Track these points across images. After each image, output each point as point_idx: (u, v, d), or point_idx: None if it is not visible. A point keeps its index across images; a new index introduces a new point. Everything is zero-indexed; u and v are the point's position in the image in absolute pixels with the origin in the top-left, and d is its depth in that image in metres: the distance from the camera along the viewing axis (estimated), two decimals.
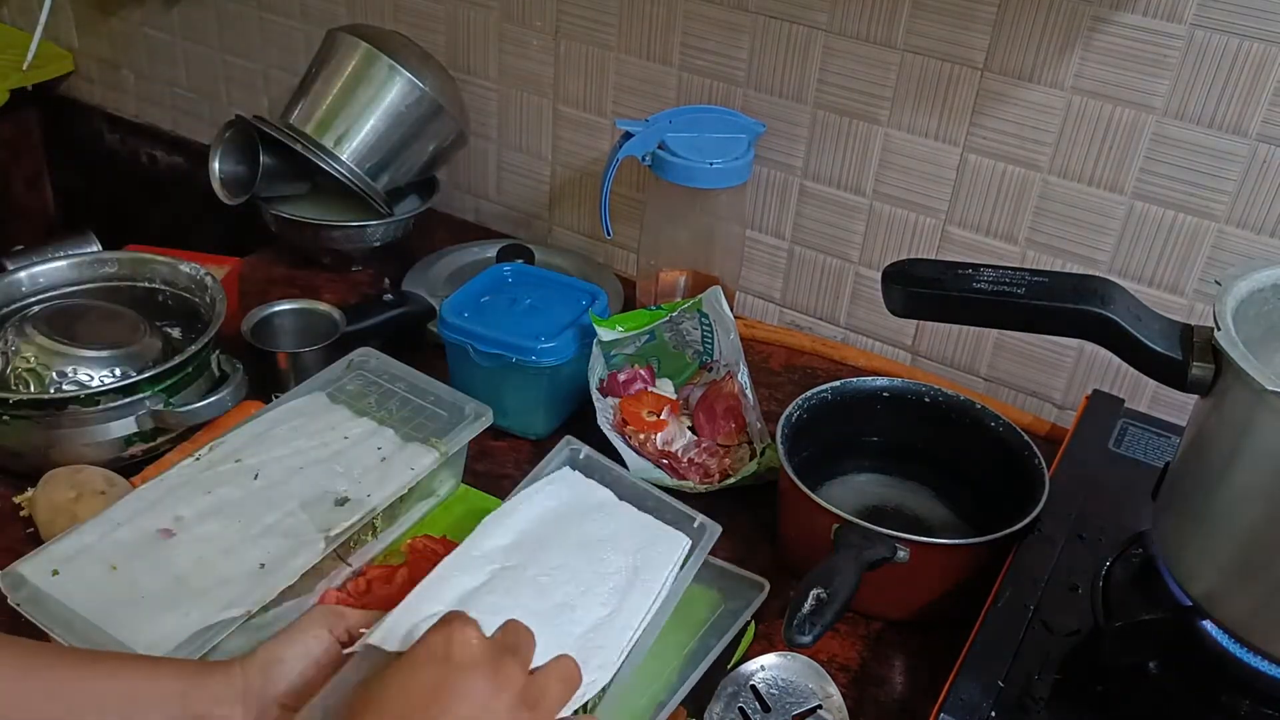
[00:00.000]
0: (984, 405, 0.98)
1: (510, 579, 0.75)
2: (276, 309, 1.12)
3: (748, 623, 0.85)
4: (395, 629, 0.67)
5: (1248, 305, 0.71)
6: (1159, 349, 0.70)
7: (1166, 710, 0.73)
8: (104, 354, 0.98)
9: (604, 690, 0.72)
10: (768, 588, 0.88)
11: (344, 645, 0.69)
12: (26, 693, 0.63)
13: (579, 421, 1.06)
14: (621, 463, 0.97)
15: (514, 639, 0.65)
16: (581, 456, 0.91)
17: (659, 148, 1.11)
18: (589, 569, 0.79)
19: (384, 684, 0.60)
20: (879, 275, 0.80)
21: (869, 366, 1.20)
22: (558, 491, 0.86)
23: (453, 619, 0.62)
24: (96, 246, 1.45)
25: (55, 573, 0.78)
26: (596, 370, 1.05)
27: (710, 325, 1.09)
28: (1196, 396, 0.71)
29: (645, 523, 0.86)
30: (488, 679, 0.60)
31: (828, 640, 0.87)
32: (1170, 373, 0.70)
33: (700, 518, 0.87)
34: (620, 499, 0.88)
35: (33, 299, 1.06)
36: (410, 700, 0.59)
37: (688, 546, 0.84)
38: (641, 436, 1.02)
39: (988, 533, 0.84)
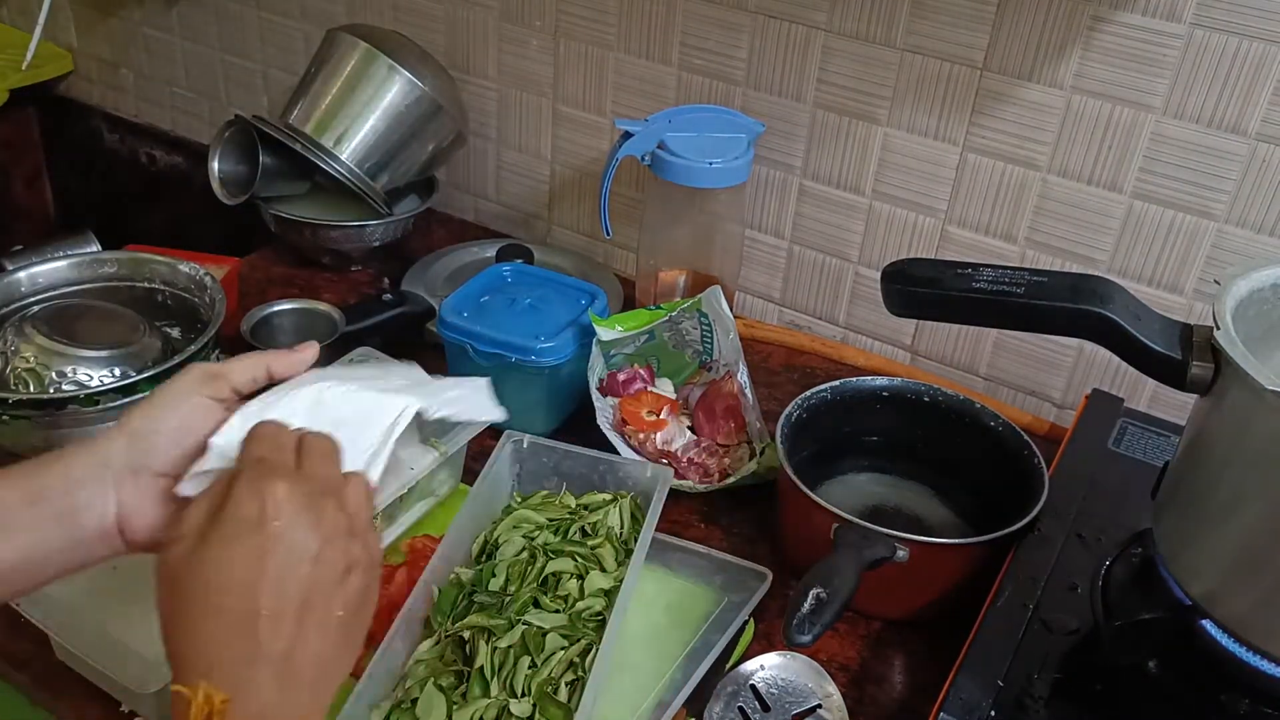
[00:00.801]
0: (983, 405, 0.98)
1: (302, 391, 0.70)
2: (276, 309, 1.12)
3: (750, 616, 0.85)
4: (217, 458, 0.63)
5: (1247, 304, 0.71)
6: (1158, 348, 0.70)
7: (1166, 709, 0.73)
8: (103, 354, 0.98)
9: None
10: (770, 577, 0.88)
11: (225, 403, 0.65)
12: None
13: (578, 421, 1.06)
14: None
15: (318, 461, 0.61)
16: (525, 446, 0.92)
17: (658, 147, 1.11)
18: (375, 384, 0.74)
19: (201, 564, 0.55)
20: (878, 275, 0.80)
21: (868, 366, 1.20)
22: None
23: (259, 463, 0.58)
24: (96, 246, 1.45)
25: None
26: (596, 370, 1.05)
27: (710, 325, 1.08)
28: (1196, 396, 0.71)
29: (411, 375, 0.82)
30: (310, 532, 0.57)
31: (827, 640, 0.87)
32: (1170, 372, 0.70)
33: (652, 466, 0.90)
34: (566, 474, 0.90)
35: (32, 299, 1.06)
36: (234, 578, 0.55)
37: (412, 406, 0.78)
38: (641, 436, 1.02)
39: (987, 532, 0.84)
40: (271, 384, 0.69)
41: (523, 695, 0.73)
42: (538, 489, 0.93)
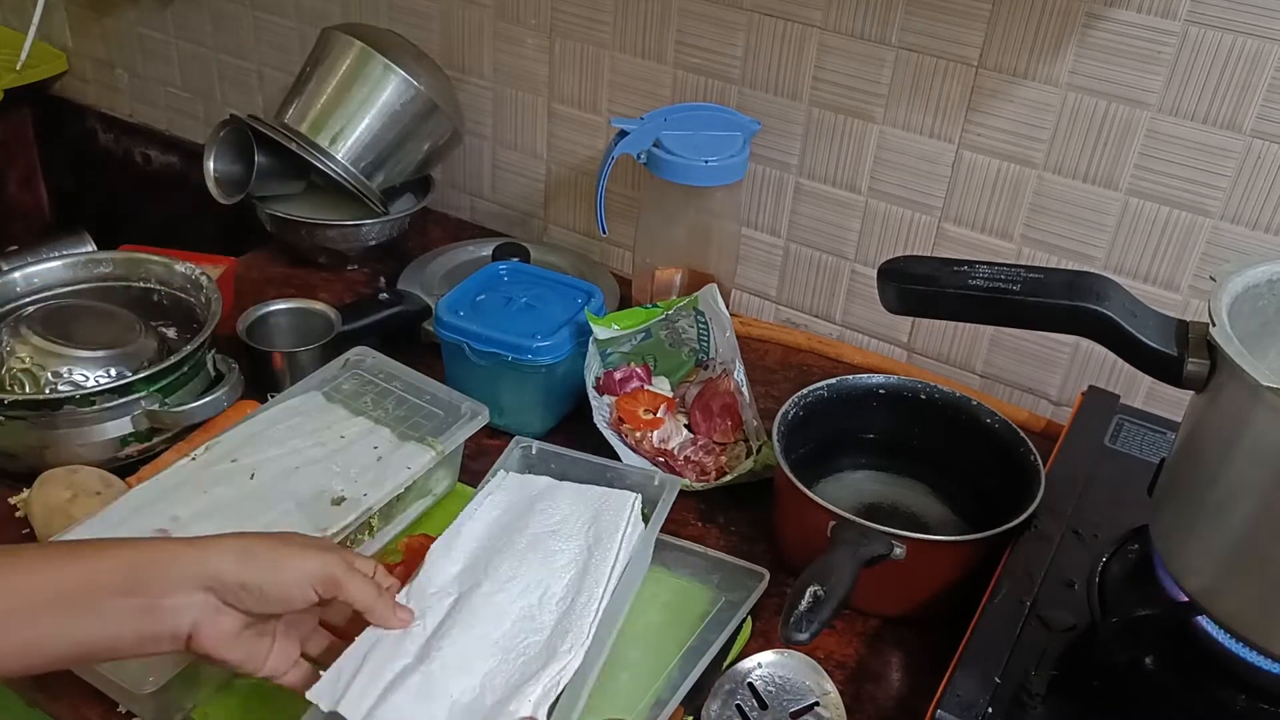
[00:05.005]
0: (980, 402, 0.98)
1: (466, 609, 0.74)
2: (272, 308, 1.12)
3: (747, 615, 0.86)
4: (339, 682, 0.67)
5: (1242, 301, 0.71)
6: (1154, 345, 0.70)
7: (1162, 705, 0.73)
8: (99, 354, 0.98)
9: (579, 675, 0.72)
10: (767, 576, 0.88)
11: (319, 600, 0.68)
12: None
13: (575, 420, 1.06)
14: (617, 459, 0.97)
15: None
16: (534, 452, 0.91)
17: (654, 146, 1.11)
18: (543, 567, 0.78)
19: None
20: (874, 272, 0.80)
21: (865, 364, 1.20)
22: (498, 499, 0.85)
23: None
24: (91, 247, 1.45)
25: None
26: (592, 368, 1.05)
27: (706, 323, 1.08)
28: (1192, 392, 0.71)
29: (589, 495, 0.85)
30: None
31: (825, 637, 0.87)
32: (1165, 368, 0.70)
33: (660, 474, 0.87)
34: (573, 480, 0.87)
35: (27, 299, 1.06)
36: None
37: (636, 500, 0.83)
38: (638, 434, 1.02)
39: (984, 529, 0.85)
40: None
41: None
42: None
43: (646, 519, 0.85)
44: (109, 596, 0.63)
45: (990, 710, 0.71)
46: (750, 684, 0.80)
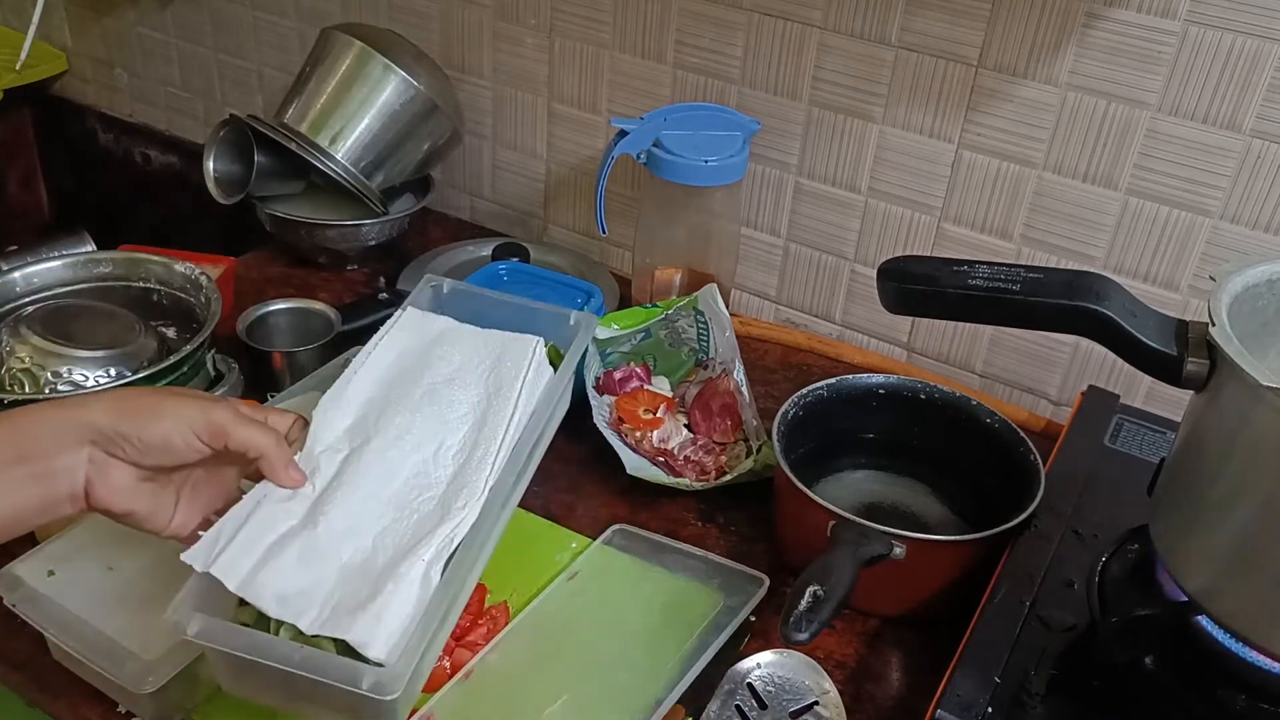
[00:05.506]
0: (979, 401, 0.98)
1: (357, 466, 0.70)
2: (272, 308, 1.12)
3: (747, 619, 0.85)
4: (217, 545, 0.65)
5: (1242, 300, 0.71)
6: (1154, 345, 0.70)
7: (1162, 705, 0.73)
8: (99, 354, 0.98)
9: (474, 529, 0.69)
10: (766, 583, 0.88)
11: (207, 455, 0.67)
12: None
13: (575, 419, 1.06)
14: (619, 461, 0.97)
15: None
16: (445, 291, 0.86)
17: (654, 145, 1.11)
18: (438, 420, 0.74)
19: None
20: (874, 272, 0.80)
21: (864, 363, 1.20)
22: (394, 340, 0.80)
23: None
24: (91, 246, 1.45)
25: (51, 573, 0.78)
26: (592, 368, 1.05)
27: (706, 323, 1.08)
28: (1192, 392, 0.71)
29: (491, 339, 0.80)
30: None
31: (824, 637, 0.87)
32: (1165, 368, 0.70)
33: (575, 314, 0.83)
34: (495, 321, 0.82)
35: (27, 299, 1.06)
36: None
37: (538, 344, 0.79)
38: (638, 434, 1.02)
39: (984, 529, 0.85)
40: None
41: None
42: None
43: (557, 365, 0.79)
44: (2, 468, 0.63)
45: (990, 710, 0.71)
46: (750, 684, 0.80)
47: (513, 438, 0.74)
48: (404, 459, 0.72)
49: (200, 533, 0.68)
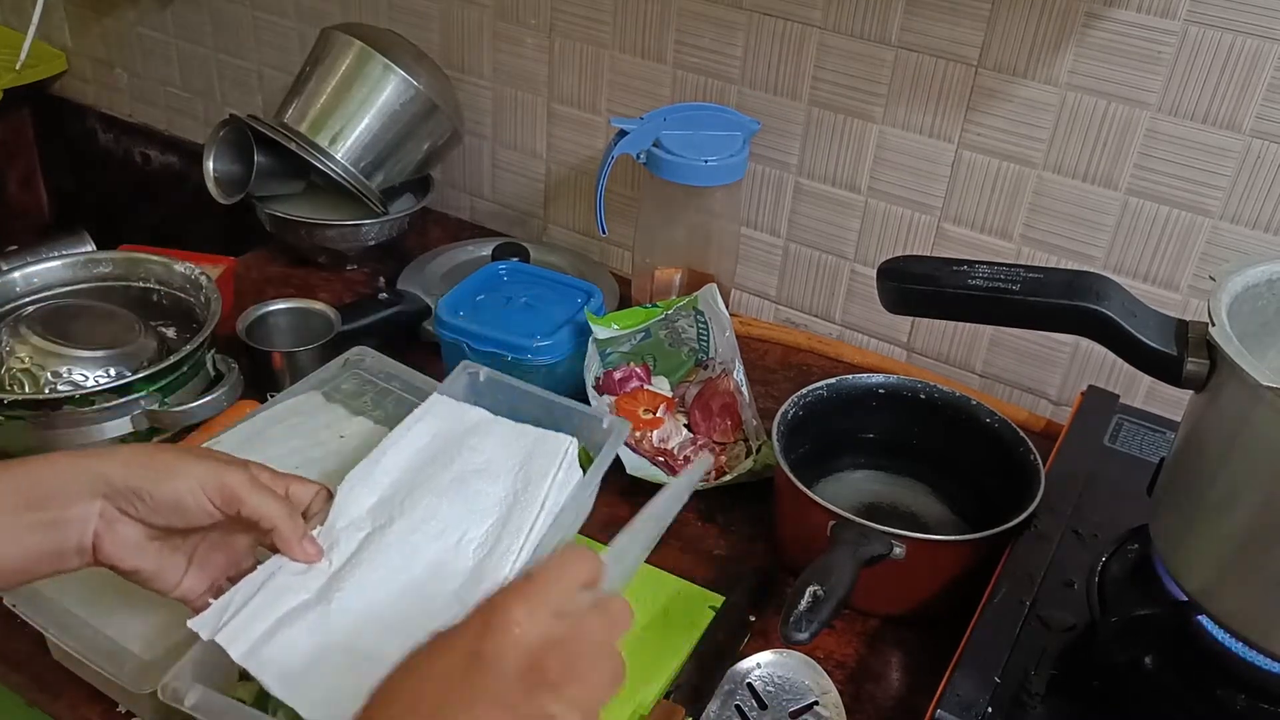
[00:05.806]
0: (979, 401, 0.98)
1: (377, 547, 0.69)
2: (271, 308, 1.12)
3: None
4: (225, 612, 0.64)
5: (1242, 300, 0.71)
6: (1154, 345, 0.70)
7: (1162, 705, 0.73)
8: (99, 354, 0.98)
9: None
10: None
11: (219, 520, 0.66)
12: None
13: None
14: (622, 467, 0.97)
15: (587, 622, 0.52)
16: (482, 379, 0.85)
17: (654, 145, 1.11)
18: (464, 508, 0.73)
19: (406, 664, 0.52)
20: (874, 272, 0.80)
21: (864, 363, 1.20)
22: (426, 426, 0.79)
23: (511, 598, 0.51)
24: (91, 246, 1.45)
25: None
26: (592, 368, 1.05)
27: (706, 323, 1.08)
28: (1191, 392, 0.71)
29: (524, 435, 0.79)
30: (515, 682, 0.49)
31: (824, 637, 0.87)
32: (1165, 368, 0.70)
33: (610, 418, 0.82)
34: (522, 415, 0.80)
35: (27, 299, 1.06)
36: (424, 689, 0.50)
37: (571, 445, 0.78)
38: (638, 434, 1.02)
39: (984, 529, 0.85)
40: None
41: None
42: None
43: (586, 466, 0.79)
44: (13, 514, 0.62)
45: (990, 710, 0.71)
46: (749, 684, 0.80)
47: (537, 536, 0.73)
48: (426, 545, 0.71)
49: (210, 600, 0.67)
